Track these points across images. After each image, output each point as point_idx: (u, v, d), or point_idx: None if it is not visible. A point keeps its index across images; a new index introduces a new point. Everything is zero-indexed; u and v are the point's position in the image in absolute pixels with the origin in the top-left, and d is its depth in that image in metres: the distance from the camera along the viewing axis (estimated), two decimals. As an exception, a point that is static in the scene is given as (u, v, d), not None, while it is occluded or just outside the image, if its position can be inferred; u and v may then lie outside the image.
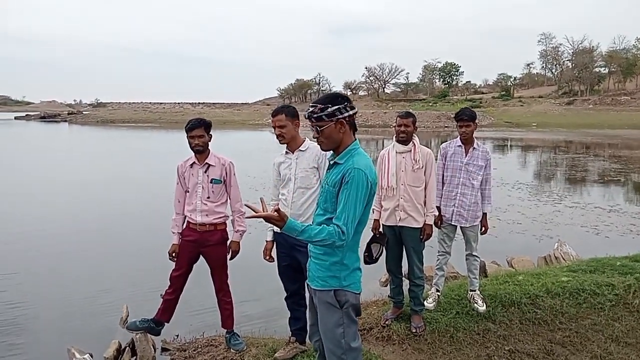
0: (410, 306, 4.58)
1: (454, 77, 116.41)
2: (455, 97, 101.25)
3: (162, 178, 15.43)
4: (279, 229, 2.49)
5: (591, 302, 4.94)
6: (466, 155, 4.73)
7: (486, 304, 4.77)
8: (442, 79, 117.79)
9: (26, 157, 23.42)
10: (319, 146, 3.64)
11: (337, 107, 2.55)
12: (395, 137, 4.43)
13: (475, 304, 4.77)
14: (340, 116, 2.56)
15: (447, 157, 4.81)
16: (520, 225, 9.71)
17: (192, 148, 4.05)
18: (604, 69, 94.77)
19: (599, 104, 76.02)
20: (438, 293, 4.94)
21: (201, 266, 4.31)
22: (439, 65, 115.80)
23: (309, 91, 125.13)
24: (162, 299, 4.36)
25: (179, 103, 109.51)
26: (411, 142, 4.37)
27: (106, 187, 14.52)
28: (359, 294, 2.73)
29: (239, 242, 4.23)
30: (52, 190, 14.01)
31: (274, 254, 3.96)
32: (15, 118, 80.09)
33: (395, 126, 4.43)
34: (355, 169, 2.49)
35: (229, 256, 4.24)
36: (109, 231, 9.35)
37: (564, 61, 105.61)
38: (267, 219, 2.44)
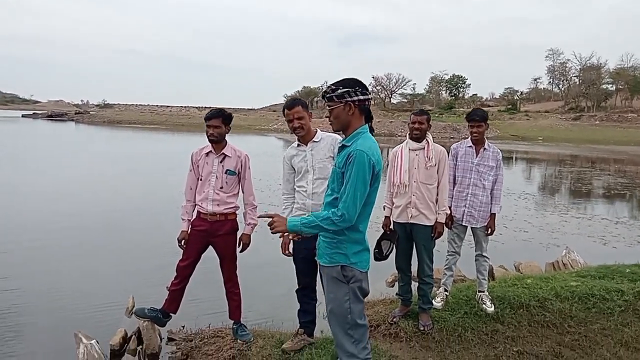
0: (419, 304, 4.56)
1: (461, 90, 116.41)
2: (461, 109, 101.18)
3: (169, 177, 15.49)
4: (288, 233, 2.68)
5: (600, 307, 4.90)
6: (477, 156, 4.73)
7: (494, 306, 4.75)
8: (448, 91, 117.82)
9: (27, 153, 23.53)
10: (332, 135, 3.68)
11: (347, 89, 2.65)
12: (409, 134, 4.43)
13: (484, 305, 4.75)
14: (349, 99, 2.65)
15: (458, 157, 4.81)
16: (526, 233, 9.68)
17: (208, 137, 4.06)
18: (612, 86, 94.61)
19: (606, 121, 75.85)
20: (446, 293, 4.93)
21: (208, 258, 4.31)
22: (446, 77, 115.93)
23: (315, 99, 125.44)
24: (168, 291, 4.36)
25: (185, 106, 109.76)
26: (425, 140, 4.38)
27: (109, 183, 14.55)
28: (366, 272, 2.80)
29: (249, 235, 4.23)
30: (57, 185, 14.04)
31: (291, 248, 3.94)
32: (23, 116, 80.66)
33: (409, 123, 4.44)
34: (357, 150, 2.57)
35: (239, 249, 4.23)
36: (115, 226, 9.36)
37: (571, 77, 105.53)
38: (272, 223, 2.63)
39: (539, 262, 7.19)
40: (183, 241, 4.21)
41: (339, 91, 2.64)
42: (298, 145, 3.82)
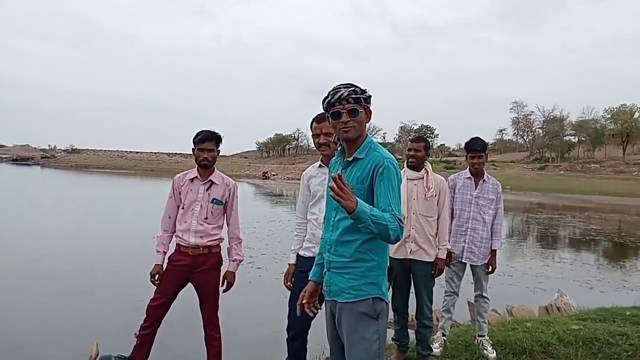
0: (417, 350, 4.15)
1: (429, 140, 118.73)
2: (430, 158, 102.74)
3: (129, 219, 14.90)
4: (348, 213, 2.01)
5: (606, 352, 4.57)
6: (476, 188, 4.46)
7: (496, 351, 4.39)
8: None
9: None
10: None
11: (370, 95, 2.35)
12: (406, 162, 4.16)
13: (485, 351, 4.37)
14: (369, 106, 2.37)
15: (456, 189, 4.53)
16: (511, 277, 9.43)
17: (199, 161, 3.67)
18: (574, 138, 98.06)
19: (570, 171, 78.10)
20: (444, 337, 4.54)
21: (183, 296, 3.85)
22: (415, 127, 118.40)
23: (287, 146, 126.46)
24: (136, 338, 3.85)
25: (155, 152, 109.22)
26: (423, 169, 4.10)
27: (69, 226, 13.85)
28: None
29: (234, 273, 3.81)
30: (15, 228, 13.28)
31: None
32: (-15, 159, 78.32)
33: (406, 150, 4.18)
34: (386, 159, 2.26)
35: (222, 288, 3.80)
36: (79, 271, 8.73)
37: (535, 128, 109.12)
38: (341, 193, 1.96)
39: (529, 306, 6.88)
40: (157, 276, 3.73)
41: (367, 94, 2.33)
42: (320, 166, 3.46)
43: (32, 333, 5.58)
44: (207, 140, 3.66)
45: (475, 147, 4.41)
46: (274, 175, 71.23)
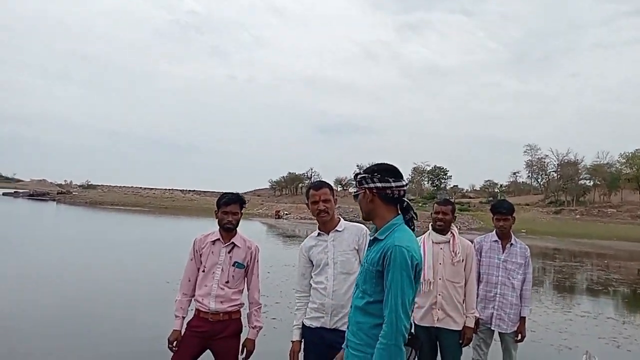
0: None
1: (442, 181, 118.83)
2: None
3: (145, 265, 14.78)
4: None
5: None
6: (503, 252, 4.34)
7: None
8: (430, 182, 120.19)
9: None
10: (357, 225, 3.28)
11: (364, 175, 2.39)
12: (432, 225, 4.06)
13: None
14: (366, 185, 2.37)
15: (483, 252, 4.41)
16: (534, 333, 9.06)
17: (222, 224, 3.61)
18: (589, 182, 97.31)
19: (586, 215, 77.26)
20: (471, 410, 4.33)
21: None
22: (428, 168, 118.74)
23: (300, 185, 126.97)
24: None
25: (169, 189, 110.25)
26: (450, 232, 3.99)
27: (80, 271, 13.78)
28: None
29: (254, 341, 3.69)
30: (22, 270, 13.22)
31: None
32: (3, 194, 79.43)
33: (432, 213, 4.08)
34: (395, 246, 2.18)
35: (242, 356, 3.67)
36: (88, 323, 8.59)
37: (549, 172, 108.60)
38: None
39: (556, 368, 6.60)
40: (175, 343, 3.62)
41: (359, 177, 2.42)
42: (318, 234, 3.37)
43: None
44: (233, 204, 3.62)
45: (501, 209, 4.32)
46: (286, 214, 71.19)
